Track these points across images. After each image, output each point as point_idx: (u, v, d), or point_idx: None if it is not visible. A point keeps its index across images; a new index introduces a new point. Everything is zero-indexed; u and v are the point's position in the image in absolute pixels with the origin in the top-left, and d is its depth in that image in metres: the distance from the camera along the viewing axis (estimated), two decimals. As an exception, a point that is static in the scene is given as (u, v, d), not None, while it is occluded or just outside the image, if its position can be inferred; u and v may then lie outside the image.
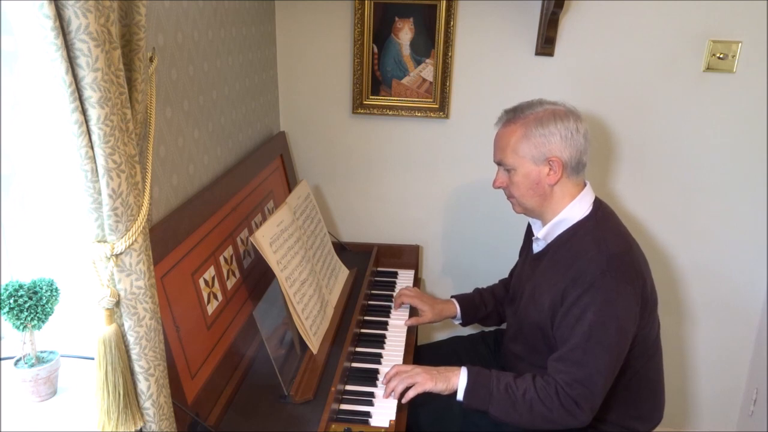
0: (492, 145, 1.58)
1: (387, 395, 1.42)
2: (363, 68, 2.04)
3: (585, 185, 1.51)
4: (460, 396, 1.42)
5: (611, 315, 1.35)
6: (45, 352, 1.09)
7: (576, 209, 1.47)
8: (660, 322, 1.56)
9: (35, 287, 1.04)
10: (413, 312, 1.82)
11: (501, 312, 1.82)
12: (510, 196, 1.55)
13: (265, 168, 1.87)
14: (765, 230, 2.05)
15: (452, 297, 1.83)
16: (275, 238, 1.49)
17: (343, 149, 2.17)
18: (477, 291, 1.86)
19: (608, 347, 1.35)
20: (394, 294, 1.90)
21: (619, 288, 1.35)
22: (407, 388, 1.41)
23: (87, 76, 0.79)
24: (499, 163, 1.53)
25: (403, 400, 1.41)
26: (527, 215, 1.57)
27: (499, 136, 1.52)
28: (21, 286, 1.02)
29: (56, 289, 1.06)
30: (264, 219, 1.75)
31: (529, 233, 1.69)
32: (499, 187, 1.55)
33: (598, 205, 1.50)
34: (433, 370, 1.44)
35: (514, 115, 1.50)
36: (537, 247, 1.57)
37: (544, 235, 1.51)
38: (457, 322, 1.84)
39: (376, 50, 2.02)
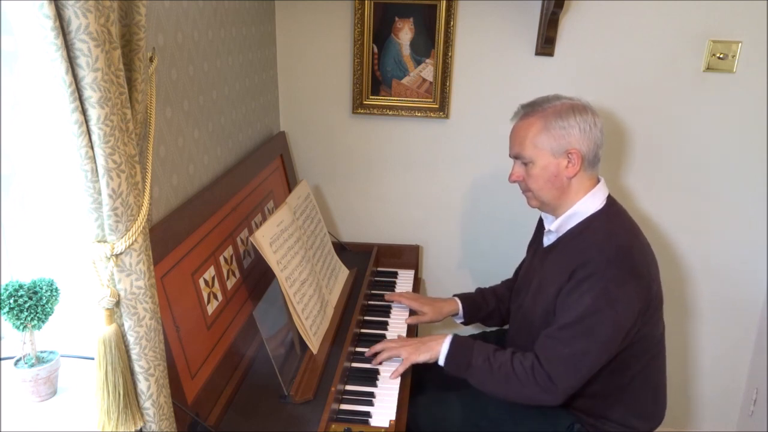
0: (493, 145, 1.59)
1: (375, 363, 1.52)
2: (363, 68, 2.04)
3: (599, 180, 1.51)
4: (441, 362, 1.49)
5: (608, 305, 1.35)
6: (45, 352, 1.09)
7: (589, 203, 1.48)
8: (664, 323, 1.56)
9: (35, 287, 1.04)
10: (414, 314, 1.82)
11: (503, 312, 1.82)
12: (526, 190, 1.54)
13: (265, 168, 1.87)
14: (765, 230, 2.05)
15: (455, 295, 1.84)
16: (275, 238, 1.49)
17: (343, 149, 2.17)
18: (479, 290, 1.86)
19: (598, 336, 1.36)
20: (394, 293, 1.90)
21: (622, 280, 1.36)
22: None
23: (87, 76, 0.79)
24: (516, 157, 1.52)
25: (392, 376, 1.48)
26: (542, 209, 1.57)
27: (516, 129, 1.52)
28: (21, 286, 1.02)
29: (56, 289, 1.06)
30: (264, 219, 1.75)
31: (539, 227, 1.68)
32: (515, 181, 1.54)
33: (612, 201, 1.51)
34: (417, 342, 1.53)
35: (532, 109, 1.49)
36: (548, 240, 1.57)
37: (557, 227, 1.51)
38: (458, 321, 1.84)
39: (376, 50, 2.02)
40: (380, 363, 1.53)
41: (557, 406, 1.50)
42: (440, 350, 1.49)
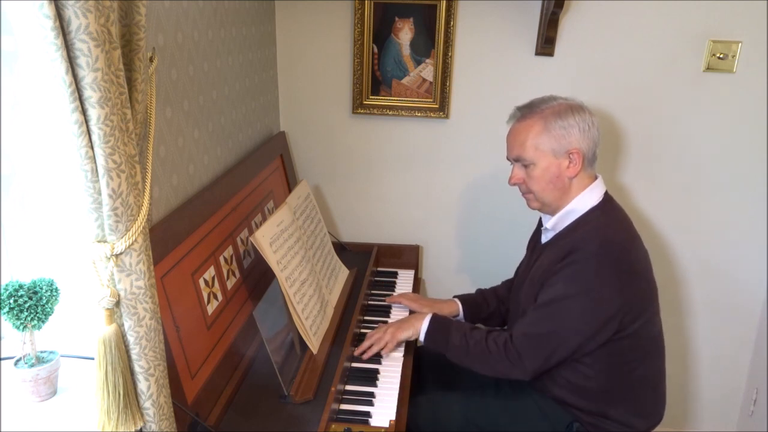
0: (493, 145, 1.59)
1: (366, 357, 1.57)
2: (363, 68, 2.04)
3: (596, 178, 1.52)
4: (421, 338, 1.58)
5: (581, 293, 1.38)
6: (45, 352, 1.09)
7: (586, 199, 1.48)
8: (662, 322, 1.56)
9: (35, 287, 1.04)
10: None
11: (503, 312, 1.82)
12: (527, 192, 1.54)
13: (265, 168, 1.87)
14: (765, 230, 2.05)
15: (455, 296, 1.84)
16: (275, 238, 1.49)
17: (343, 149, 2.17)
18: (479, 291, 1.86)
19: (565, 320, 1.40)
20: (394, 295, 1.90)
21: (603, 273, 1.38)
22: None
23: (87, 76, 0.79)
24: (516, 159, 1.52)
25: (384, 352, 1.56)
26: (542, 211, 1.57)
27: (515, 132, 1.51)
28: (21, 286, 1.02)
29: (56, 289, 1.06)
30: (264, 219, 1.75)
31: (539, 226, 1.69)
32: (515, 184, 1.55)
33: (608, 198, 1.52)
34: (399, 321, 1.63)
35: (530, 111, 1.49)
36: (545, 237, 1.58)
37: (553, 225, 1.52)
38: None
39: (376, 50, 2.02)
40: (379, 354, 1.57)
41: (556, 405, 1.50)
42: (420, 328, 1.57)
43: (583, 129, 1.45)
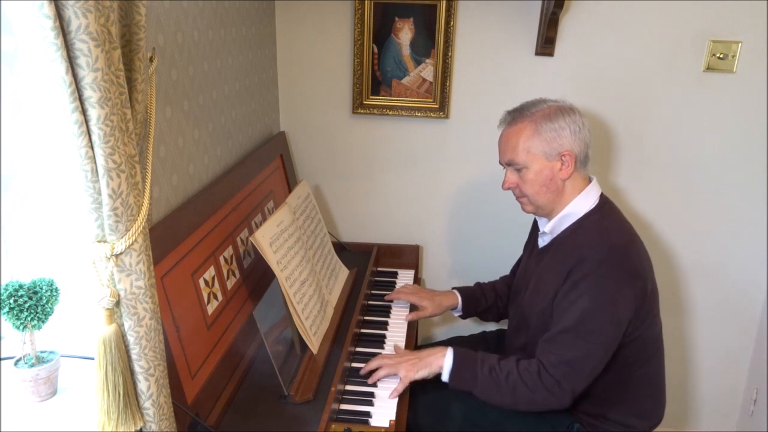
0: (493, 145, 1.58)
1: (371, 381, 1.46)
2: (363, 68, 2.04)
3: (591, 180, 1.51)
4: (445, 378, 1.45)
5: (605, 303, 1.36)
6: (45, 352, 1.09)
7: (582, 203, 1.48)
8: (662, 322, 1.56)
9: (35, 287, 1.04)
10: (414, 309, 1.82)
11: (500, 307, 1.83)
12: (521, 196, 1.54)
13: (265, 168, 1.87)
14: (765, 230, 2.05)
15: (453, 288, 1.84)
16: (275, 238, 1.49)
17: (343, 149, 2.17)
18: (478, 284, 1.87)
19: (599, 335, 1.37)
20: (393, 291, 1.90)
21: (617, 278, 1.37)
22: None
23: (87, 76, 0.79)
24: (508, 164, 1.52)
25: (391, 396, 1.42)
26: (536, 214, 1.57)
27: (506, 136, 1.51)
28: (21, 286, 1.02)
29: (56, 289, 1.06)
30: (264, 219, 1.75)
31: (535, 228, 1.69)
32: (509, 188, 1.54)
33: (605, 200, 1.52)
34: (414, 357, 1.48)
35: (520, 114, 1.49)
36: (542, 241, 1.58)
37: (551, 229, 1.52)
38: (457, 314, 1.85)
39: (376, 50, 2.02)
40: (377, 381, 1.47)
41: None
42: (442, 365, 1.45)
43: (574, 131, 1.44)
